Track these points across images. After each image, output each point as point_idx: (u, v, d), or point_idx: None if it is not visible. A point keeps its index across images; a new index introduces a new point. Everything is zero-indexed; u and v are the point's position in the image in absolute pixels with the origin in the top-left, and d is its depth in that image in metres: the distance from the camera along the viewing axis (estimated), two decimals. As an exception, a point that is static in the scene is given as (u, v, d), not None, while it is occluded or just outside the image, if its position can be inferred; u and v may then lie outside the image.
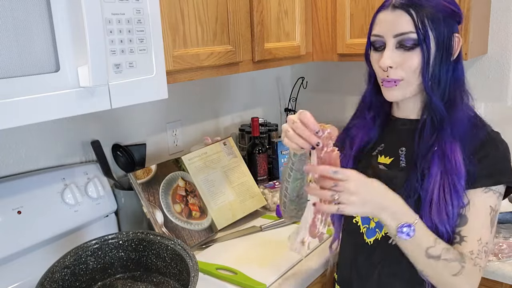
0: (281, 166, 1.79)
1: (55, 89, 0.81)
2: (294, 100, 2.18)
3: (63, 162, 1.34)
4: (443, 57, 0.92)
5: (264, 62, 1.51)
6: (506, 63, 1.72)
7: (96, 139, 1.39)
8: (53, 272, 1.00)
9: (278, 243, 1.35)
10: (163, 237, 1.10)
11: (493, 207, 0.91)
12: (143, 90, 0.96)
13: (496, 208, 0.92)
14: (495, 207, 0.92)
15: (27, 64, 0.77)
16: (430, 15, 0.90)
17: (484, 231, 0.90)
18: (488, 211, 0.90)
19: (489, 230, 0.91)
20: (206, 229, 1.40)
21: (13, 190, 1.15)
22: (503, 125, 1.75)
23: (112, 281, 1.12)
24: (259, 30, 1.45)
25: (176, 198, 1.37)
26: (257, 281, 1.14)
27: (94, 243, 1.09)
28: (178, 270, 1.08)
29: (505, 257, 1.23)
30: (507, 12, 1.69)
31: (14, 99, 0.76)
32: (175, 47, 1.17)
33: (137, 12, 0.92)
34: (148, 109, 1.57)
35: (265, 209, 1.61)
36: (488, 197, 0.91)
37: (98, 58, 0.83)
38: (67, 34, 0.81)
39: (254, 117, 1.70)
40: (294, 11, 1.62)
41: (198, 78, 1.27)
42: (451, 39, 0.93)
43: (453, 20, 0.93)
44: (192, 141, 1.76)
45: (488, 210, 0.90)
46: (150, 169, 1.36)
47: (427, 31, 0.90)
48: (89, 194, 1.29)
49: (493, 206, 0.91)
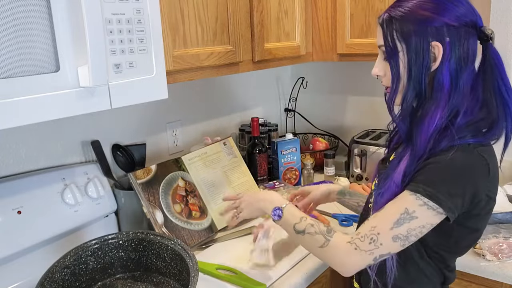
0: (281, 166, 1.79)
1: (55, 89, 0.81)
2: (294, 100, 2.18)
3: (63, 162, 1.34)
4: (418, 68, 0.91)
5: (264, 62, 1.51)
6: (506, 63, 1.70)
7: (96, 139, 1.39)
8: (53, 272, 1.00)
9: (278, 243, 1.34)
10: (163, 237, 1.10)
11: (408, 211, 0.87)
12: (143, 90, 0.96)
13: (413, 215, 0.87)
14: (411, 212, 0.87)
15: (27, 64, 0.77)
16: (400, 28, 0.91)
17: (384, 223, 0.89)
18: (401, 210, 0.87)
19: (390, 226, 0.88)
20: (206, 229, 1.40)
21: (13, 190, 1.15)
22: (503, 125, 1.76)
23: (112, 281, 1.12)
24: (259, 30, 1.45)
25: (176, 198, 1.37)
26: (257, 281, 1.14)
27: (94, 243, 1.09)
28: (178, 270, 1.08)
29: (505, 257, 1.23)
30: (507, 12, 1.69)
31: (14, 99, 0.76)
32: (175, 47, 1.17)
33: (137, 12, 0.92)
34: (148, 109, 1.57)
35: (265, 209, 1.61)
36: (410, 200, 0.87)
37: (98, 58, 0.83)
38: (67, 34, 0.81)
39: (254, 117, 1.70)
40: (294, 11, 1.62)
41: (198, 78, 1.27)
42: (428, 49, 0.90)
43: (430, 28, 0.89)
44: (192, 141, 1.76)
45: (401, 209, 0.88)
46: (150, 169, 1.36)
47: (396, 44, 0.92)
48: (89, 194, 1.29)
49: (409, 209, 0.87)
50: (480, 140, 0.90)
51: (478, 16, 0.92)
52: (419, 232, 0.88)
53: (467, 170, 0.88)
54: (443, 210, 0.86)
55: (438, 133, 0.90)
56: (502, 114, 0.92)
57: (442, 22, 0.88)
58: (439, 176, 0.87)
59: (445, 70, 0.90)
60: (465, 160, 0.88)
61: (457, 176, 0.87)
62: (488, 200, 0.93)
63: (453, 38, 0.89)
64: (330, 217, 1.51)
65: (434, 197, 0.86)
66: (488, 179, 0.91)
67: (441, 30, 0.88)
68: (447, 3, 0.89)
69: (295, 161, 1.82)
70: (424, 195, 0.86)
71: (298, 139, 1.83)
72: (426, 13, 0.89)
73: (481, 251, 1.26)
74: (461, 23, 0.89)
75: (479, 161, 0.89)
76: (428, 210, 0.86)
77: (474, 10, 0.91)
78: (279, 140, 1.80)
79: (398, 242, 0.88)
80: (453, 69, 0.90)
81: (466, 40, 0.90)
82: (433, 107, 0.90)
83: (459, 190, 0.87)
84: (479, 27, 0.91)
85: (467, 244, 1.01)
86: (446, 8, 0.89)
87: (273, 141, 1.81)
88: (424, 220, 0.87)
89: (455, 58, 0.90)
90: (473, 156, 0.89)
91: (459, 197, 0.87)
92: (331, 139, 2.12)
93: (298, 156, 1.83)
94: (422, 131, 0.91)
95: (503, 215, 1.38)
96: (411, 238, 0.88)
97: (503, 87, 0.92)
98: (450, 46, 0.89)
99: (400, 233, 0.88)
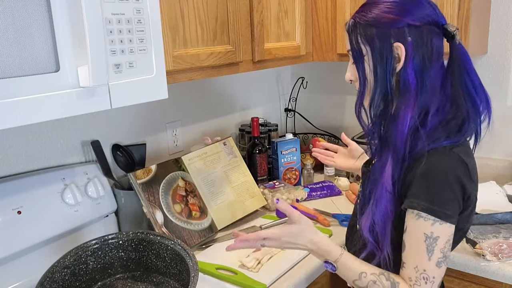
0: (281, 166, 1.79)
1: (55, 89, 0.81)
2: (294, 100, 2.18)
3: (63, 162, 1.34)
4: (383, 70, 0.92)
5: (264, 62, 1.51)
6: (506, 63, 1.72)
7: (96, 139, 1.39)
8: (53, 272, 1.00)
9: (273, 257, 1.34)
10: (163, 237, 1.10)
11: (428, 235, 0.88)
12: (143, 90, 0.96)
13: (433, 236, 0.87)
14: (431, 235, 0.87)
15: (27, 64, 0.77)
16: (363, 31, 0.93)
17: (420, 259, 0.89)
18: (422, 238, 0.88)
19: (426, 258, 0.88)
20: (206, 229, 1.40)
21: (13, 190, 1.15)
22: (503, 125, 1.76)
23: (112, 281, 1.12)
24: (259, 30, 1.45)
25: (176, 198, 1.37)
26: (257, 281, 1.14)
27: (94, 243, 1.09)
28: (178, 270, 1.08)
29: (505, 257, 1.23)
30: (507, 12, 1.69)
31: (14, 99, 0.76)
32: (175, 47, 1.17)
33: (137, 12, 0.92)
34: (148, 109, 1.57)
35: (265, 209, 1.61)
36: (420, 224, 0.88)
37: (98, 58, 0.83)
38: (67, 34, 0.81)
39: (254, 117, 1.70)
40: (294, 11, 1.62)
41: (198, 78, 1.27)
42: (391, 50, 0.91)
43: (392, 30, 0.90)
44: (192, 141, 1.76)
45: (422, 237, 0.88)
46: (150, 169, 1.36)
47: (361, 48, 0.94)
48: (89, 194, 1.29)
49: (427, 233, 0.88)
50: (454, 141, 0.91)
51: (440, 15, 0.93)
52: (449, 246, 0.90)
53: (449, 173, 0.88)
54: (448, 222, 0.87)
55: (413, 133, 0.91)
56: (472, 112, 0.93)
57: (404, 23, 0.90)
58: (425, 187, 0.88)
59: (409, 70, 0.91)
60: (444, 163, 0.89)
61: (443, 181, 0.88)
62: (473, 199, 0.95)
63: (415, 38, 0.90)
64: (331, 217, 1.51)
65: (431, 210, 0.87)
66: (470, 177, 0.91)
67: (402, 31, 0.90)
68: (408, 5, 0.91)
69: (295, 161, 1.82)
70: (422, 210, 0.87)
71: (298, 139, 1.83)
72: (388, 15, 0.91)
73: (481, 251, 1.26)
74: (423, 23, 0.90)
75: (458, 162, 0.89)
76: (441, 225, 0.87)
77: (436, 9, 0.93)
78: (279, 140, 1.80)
79: (442, 265, 0.89)
80: (417, 68, 0.91)
81: (429, 39, 0.91)
82: (403, 107, 0.91)
83: (450, 194, 0.88)
84: (441, 25, 0.92)
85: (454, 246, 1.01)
86: (407, 10, 0.91)
87: (273, 141, 1.81)
88: (446, 235, 0.89)
89: (419, 57, 0.91)
90: (451, 158, 0.89)
91: (453, 201, 0.88)
92: (331, 139, 2.12)
93: (298, 156, 1.83)
94: (397, 133, 0.91)
95: (503, 215, 1.38)
96: (448, 253, 0.90)
97: (470, 83, 0.93)
98: (413, 45, 0.90)
99: (438, 257, 0.89)
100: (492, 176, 1.76)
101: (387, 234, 0.94)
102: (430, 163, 0.88)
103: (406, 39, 0.90)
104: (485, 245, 1.27)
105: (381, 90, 0.94)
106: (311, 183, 1.82)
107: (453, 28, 0.92)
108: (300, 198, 1.66)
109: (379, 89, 0.94)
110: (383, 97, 0.94)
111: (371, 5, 0.94)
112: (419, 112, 0.91)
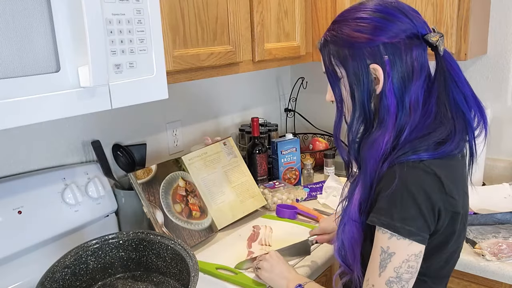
0: (281, 166, 1.79)
1: (55, 89, 0.81)
2: (294, 100, 2.18)
3: (64, 162, 1.34)
4: (361, 93, 0.86)
5: (264, 62, 1.52)
6: (506, 63, 1.73)
7: (97, 139, 1.39)
8: (54, 272, 1.00)
9: (279, 243, 1.35)
10: (163, 237, 1.10)
11: (384, 249, 0.82)
12: (143, 90, 0.96)
13: (388, 251, 0.81)
14: (387, 249, 0.82)
15: (28, 64, 0.77)
16: (336, 52, 0.87)
17: (372, 272, 0.84)
18: (379, 252, 0.83)
19: (377, 272, 0.83)
20: (206, 229, 1.40)
21: (13, 190, 1.15)
22: (503, 125, 1.76)
23: (113, 281, 1.12)
24: (259, 30, 1.45)
25: (176, 198, 1.37)
26: (257, 281, 1.15)
27: (95, 242, 1.09)
28: (178, 270, 1.08)
29: (505, 257, 1.23)
30: (507, 12, 1.69)
31: (15, 99, 0.76)
32: (175, 47, 1.17)
33: (137, 13, 0.92)
34: (148, 109, 1.57)
35: (265, 209, 1.62)
36: (379, 237, 0.83)
37: (98, 58, 0.83)
38: (67, 34, 0.82)
39: (254, 117, 1.70)
40: (294, 12, 1.62)
41: (198, 78, 1.27)
42: (367, 72, 0.85)
43: (366, 50, 0.84)
44: (192, 141, 1.76)
45: (378, 251, 0.83)
46: (150, 169, 1.36)
47: (335, 69, 0.89)
48: (90, 194, 1.29)
49: (384, 247, 0.82)
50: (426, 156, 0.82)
51: (418, 25, 0.85)
52: (408, 268, 0.82)
53: (414, 187, 0.80)
54: (408, 238, 0.80)
55: (386, 156, 0.85)
56: (460, 126, 0.86)
57: (378, 42, 0.83)
58: (388, 203, 0.82)
59: (389, 92, 0.84)
60: (409, 178, 0.81)
61: (406, 196, 0.80)
62: (452, 215, 0.86)
63: (392, 56, 0.83)
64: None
65: (391, 226, 0.81)
66: (443, 191, 0.83)
67: (377, 50, 0.83)
68: (381, 21, 0.84)
69: (295, 161, 1.82)
70: (381, 225, 0.82)
71: (298, 139, 1.83)
72: (360, 35, 0.84)
73: (480, 251, 1.26)
74: (400, 38, 0.83)
75: (426, 175, 0.81)
76: (399, 240, 0.81)
77: (413, 20, 0.85)
78: (279, 140, 1.80)
79: (394, 286, 0.82)
80: (397, 88, 0.85)
81: (408, 54, 0.84)
82: (381, 131, 0.86)
83: (413, 211, 0.80)
84: (422, 36, 0.85)
85: (440, 266, 0.92)
86: (380, 27, 0.84)
87: (273, 141, 1.81)
88: (403, 253, 0.81)
89: (398, 76, 0.84)
90: (418, 171, 0.81)
91: (418, 218, 0.81)
92: (331, 139, 2.12)
93: (298, 156, 1.83)
94: (371, 157, 0.86)
95: (502, 215, 1.38)
96: (404, 276, 0.82)
97: (458, 96, 0.86)
98: (391, 65, 0.84)
99: (390, 275, 0.82)
100: (492, 176, 1.77)
101: (357, 257, 0.91)
102: (393, 178, 0.81)
103: (383, 59, 0.84)
104: (484, 245, 1.27)
105: (360, 114, 0.88)
106: (311, 183, 1.82)
107: (435, 37, 0.84)
108: (300, 198, 1.66)
109: (358, 113, 0.88)
110: (362, 121, 0.89)
111: (341, 22, 0.88)
112: (395, 134, 0.85)
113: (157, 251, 1.11)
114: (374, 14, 0.85)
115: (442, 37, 0.85)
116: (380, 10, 0.85)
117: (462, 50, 1.47)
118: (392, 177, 0.82)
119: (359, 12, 0.86)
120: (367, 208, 0.88)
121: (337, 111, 0.92)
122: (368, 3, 0.87)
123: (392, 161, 0.84)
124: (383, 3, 0.86)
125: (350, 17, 0.87)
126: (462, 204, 0.88)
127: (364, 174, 0.88)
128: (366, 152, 0.88)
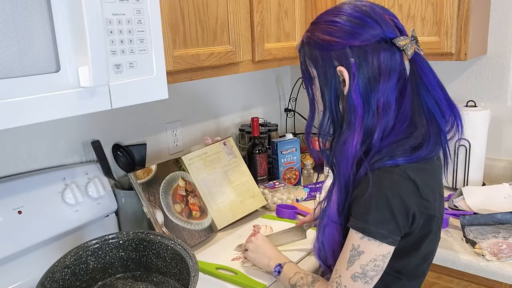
0: (281, 166, 1.79)
1: (55, 89, 0.81)
2: (294, 100, 2.19)
3: (64, 162, 1.34)
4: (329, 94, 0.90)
5: (264, 62, 1.52)
6: (506, 63, 1.73)
7: (97, 139, 1.39)
8: (54, 272, 1.00)
9: (278, 243, 1.35)
10: (163, 237, 1.10)
11: (355, 246, 0.86)
12: (143, 90, 0.96)
13: (358, 249, 0.86)
14: (357, 247, 0.86)
15: (28, 64, 0.77)
16: (309, 53, 0.91)
17: (341, 264, 0.89)
18: (350, 248, 0.87)
19: (345, 266, 0.88)
20: (206, 229, 1.40)
21: (13, 190, 1.15)
22: (503, 125, 1.76)
23: (113, 281, 1.12)
24: (259, 30, 1.45)
25: (176, 198, 1.37)
26: (257, 281, 1.15)
27: (95, 242, 1.09)
28: (178, 270, 1.08)
29: (505, 257, 1.23)
30: (507, 12, 1.69)
31: (15, 99, 0.76)
32: (175, 47, 1.17)
33: (137, 13, 0.92)
34: (148, 109, 1.57)
35: (265, 209, 1.62)
36: (353, 235, 0.87)
37: (98, 58, 0.83)
38: (67, 34, 0.82)
39: (254, 117, 1.70)
40: (294, 12, 1.62)
41: (198, 78, 1.27)
42: (335, 74, 0.88)
43: (334, 52, 0.87)
44: (192, 141, 1.76)
45: (349, 247, 0.87)
46: (150, 169, 1.36)
47: (309, 70, 0.93)
48: (90, 194, 1.29)
49: (355, 245, 0.86)
50: (402, 161, 0.85)
51: (387, 30, 0.86)
52: (374, 266, 0.86)
53: (389, 191, 0.83)
54: (378, 240, 0.84)
55: (360, 158, 0.87)
56: (434, 130, 0.87)
57: (346, 45, 0.86)
58: (364, 207, 0.85)
59: (354, 93, 0.86)
60: (384, 182, 0.84)
61: (381, 200, 0.83)
62: (427, 217, 0.89)
63: (358, 59, 0.85)
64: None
65: (366, 230, 0.84)
66: (418, 195, 0.85)
67: (344, 53, 0.86)
68: (351, 26, 0.86)
69: (295, 161, 1.82)
70: (357, 229, 0.86)
71: (298, 139, 1.83)
72: (330, 38, 0.87)
73: (480, 251, 1.26)
74: (368, 42, 0.85)
75: (402, 179, 0.84)
76: (370, 241, 0.85)
77: (382, 25, 0.86)
78: (279, 140, 1.80)
79: (358, 281, 0.87)
80: (363, 89, 0.86)
81: (374, 57, 0.85)
82: (350, 132, 0.88)
83: (387, 214, 0.83)
84: (390, 40, 0.86)
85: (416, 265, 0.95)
86: (350, 32, 0.86)
87: (273, 141, 1.81)
88: (372, 253, 0.85)
89: (363, 78, 0.86)
90: (393, 176, 0.84)
91: (390, 222, 0.84)
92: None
93: (298, 156, 1.83)
94: (343, 159, 0.89)
95: (502, 215, 1.38)
96: (369, 273, 0.86)
97: (430, 100, 0.86)
98: (356, 67, 0.86)
99: (356, 271, 0.87)
100: (492, 176, 1.77)
101: (337, 258, 0.92)
102: (369, 182, 0.84)
103: (349, 61, 0.86)
104: (484, 245, 1.27)
105: (329, 115, 0.92)
106: (311, 183, 1.82)
107: (403, 41, 0.85)
108: (300, 198, 1.66)
109: (327, 114, 0.92)
110: (331, 122, 0.92)
111: (316, 24, 0.91)
112: (364, 135, 0.87)
113: (157, 251, 1.11)
114: (345, 18, 0.87)
115: (413, 41, 0.86)
116: (351, 14, 0.87)
117: (462, 50, 1.47)
118: (369, 182, 0.84)
119: (331, 16, 0.90)
120: (345, 210, 0.91)
121: (310, 111, 0.97)
122: (343, 7, 0.90)
123: (369, 166, 0.86)
124: (356, 7, 0.88)
125: (323, 20, 0.90)
126: (437, 206, 0.92)
127: (337, 175, 0.92)
128: (338, 153, 0.91)
